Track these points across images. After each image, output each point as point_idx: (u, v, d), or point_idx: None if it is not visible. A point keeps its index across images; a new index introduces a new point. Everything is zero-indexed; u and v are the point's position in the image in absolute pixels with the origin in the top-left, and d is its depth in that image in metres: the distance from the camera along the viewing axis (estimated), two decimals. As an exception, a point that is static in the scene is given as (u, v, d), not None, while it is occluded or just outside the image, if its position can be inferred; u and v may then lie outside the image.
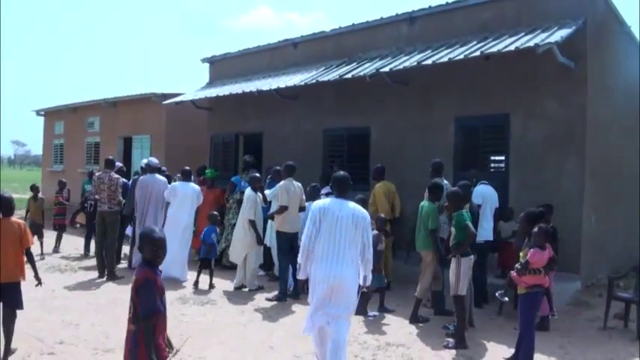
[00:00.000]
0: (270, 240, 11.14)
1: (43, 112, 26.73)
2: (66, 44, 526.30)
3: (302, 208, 10.25)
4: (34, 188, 13.61)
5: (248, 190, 10.72)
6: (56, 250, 14.52)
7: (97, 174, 12.08)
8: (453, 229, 7.68)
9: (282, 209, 10.04)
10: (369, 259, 5.93)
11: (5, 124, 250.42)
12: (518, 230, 6.96)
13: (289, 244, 10.08)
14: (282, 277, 10.02)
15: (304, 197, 10.34)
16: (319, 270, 5.82)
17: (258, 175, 11.06)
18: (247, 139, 16.97)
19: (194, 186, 11.96)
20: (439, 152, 11.36)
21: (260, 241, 10.63)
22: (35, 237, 10.89)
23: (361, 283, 5.97)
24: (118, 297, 9.60)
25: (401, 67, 11.11)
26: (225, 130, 17.19)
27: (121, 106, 21.49)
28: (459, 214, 7.59)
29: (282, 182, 10.25)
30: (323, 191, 10.92)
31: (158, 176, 12.20)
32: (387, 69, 11.32)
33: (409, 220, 10.43)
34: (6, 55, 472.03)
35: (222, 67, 18.09)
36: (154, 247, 4.34)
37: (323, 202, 6.13)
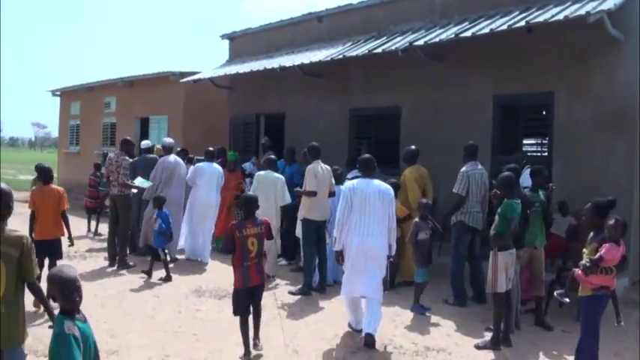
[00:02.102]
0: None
1: (58, 93, 26.13)
2: (83, 22, 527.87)
3: (332, 194, 9.41)
4: (38, 169, 12.74)
5: (276, 175, 10.04)
6: (96, 232, 14.37)
7: (110, 155, 11.37)
8: (496, 218, 6.81)
9: (310, 195, 9.20)
10: (392, 227, 6.90)
11: (25, 106, 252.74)
12: (583, 222, 6.04)
13: (316, 233, 9.28)
14: (307, 268, 9.20)
15: (334, 181, 9.50)
16: (354, 240, 6.77)
17: (273, 156, 10.49)
18: (268, 119, 16.12)
19: (217, 166, 11.66)
20: (476, 134, 10.42)
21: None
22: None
23: (387, 253, 6.91)
24: (127, 289, 8.93)
25: (437, 40, 10.19)
26: (245, 110, 16.35)
27: (137, 85, 20.88)
28: (508, 204, 6.71)
29: (309, 165, 9.39)
30: (349, 175, 10.12)
31: (177, 157, 11.53)
32: (421, 42, 10.41)
33: (442, 208, 9.66)
34: (24, 35, 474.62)
35: (242, 43, 17.22)
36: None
37: (352, 182, 7.12)
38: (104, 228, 14.56)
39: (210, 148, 11.92)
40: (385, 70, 12.32)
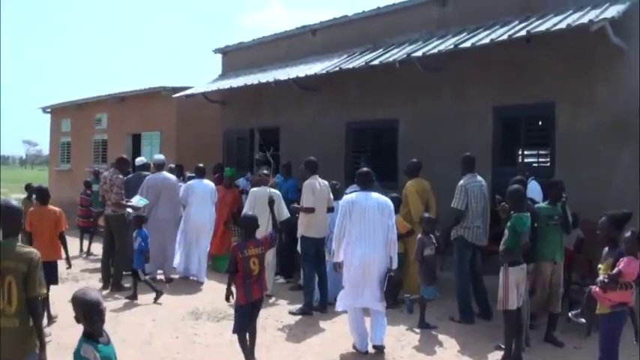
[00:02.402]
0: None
1: (49, 110, 25.80)
2: (74, 39, 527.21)
3: (330, 209, 9.15)
4: (28, 188, 12.47)
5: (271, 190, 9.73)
6: (89, 253, 14.06)
7: (104, 174, 11.09)
8: (506, 232, 6.58)
9: (308, 211, 8.94)
10: (392, 239, 6.90)
11: (16, 124, 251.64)
12: (600, 234, 5.79)
13: (315, 250, 9.02)
14: (307, 287, 8.92)
15: (332, 196, 9.24)
16: (355, 252, 6.80)
17: (266, 171, 10.46)
18: (263, 134, 15.85)
19: (210, 183, 11.43)
20: (475, 146, 10.15)
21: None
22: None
23: (388, 266, 6.89)
24: (122, 312, 8.62)
25: (435, 51, 9.99)
26: (239, 125, 16.11)
27: (129, 101, 20.56)
28: (517, 217, 6.48)
29: (306, 181, 9.14)
30: (348, 190, 9.87)
31: (166, 174, 11.25)
32: (419, 54, 10.19)
33: (442, 222, 9.38)
34: (14, 52, 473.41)
35: (235, 57, 17.01)
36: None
37: (351, 196, 7.17)
38: (97, 248, 14.33)
39: (201, 165, 11.65)
40: (382, 82, 12.11)
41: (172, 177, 11.46)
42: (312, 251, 9.00)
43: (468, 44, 9.53)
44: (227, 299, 6.50)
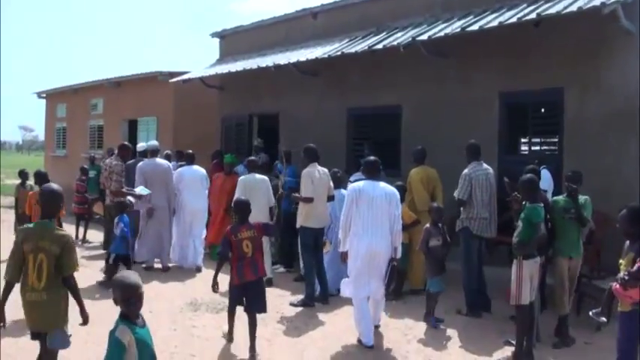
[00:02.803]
0: None
1: (44, 95, 25.45)
2: (70, 22, 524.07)
3: (330, 198, 8.88)
4: (22, 174, 12.15)
5: (261, 177, 9.82)
6: (85, 240, 13.76)
7: (105, 161, 10.79)
8: (519, 224, 6.31)
9: (307, 201, 8.64)
10: (398, 230, 6.91)
11: (13, 110, 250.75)
12: (619, 228, 5.48)
13: (314, 241, 8.73)
14: (308, 278, 8.66)
15: (332, 184, 8.95)
16: (362, 242, 6.73)
17: (253, 158, 10.55)
18: (262, 120, 15.57)
19: (200, 169, 11.32)
20: (481, 133, 9.95)
21: None
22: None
23: (392, 255, 6.90)
24: (114, 306, 8.30)
25: (441, 34, 9.68)
26: (237, 110, 15.77)
27: (125, 86, 20.18)
28: (532, 208, 6.23)
29: (305, 169, 8.82)
30: (352, 178, 9.60)
31: (160, 160, 10.98)
32: (424, 37, 9.89)
33: (446, 212, 9.11)
34: (10, 36, 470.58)
35: (233, 41, 16.65)
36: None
37: (358, 184, 7.04)
38: (93, 235, 14.11)
39: (190, 151, 11.53)
40: (385, 67, 11.81)
41: (166, 163, 11.18)
42: (311, 242, 8.72)
43: (475, 27, 9.23)
44: (213, 289, 6.59)
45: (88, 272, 10.28)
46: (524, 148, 12.11)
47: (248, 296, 6.51)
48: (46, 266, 4.65)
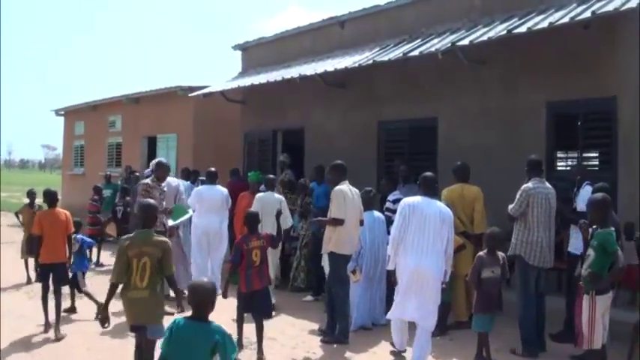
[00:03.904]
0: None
1: (62, 112, 25.07)
2: (87, 40, 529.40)
3: (360, 222, 7.92)
4: (30, 194, 11.43)
5: (277, 196, 9.55)
6: (98, 263, 12.89)
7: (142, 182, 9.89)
8: (591, 253, 5.38)
9: (337, 223, 7.62)
10: (450, 254, 6.56)
11: (35, 128, 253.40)
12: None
13: (343, 268, 7.79)
14: (341, 311, 7.61)
15: (362, 207, 8.00)
16: (410, 262, 6.37)
17: (272, 176, 10.24)
18: (286, 135, 14.76)
19: (221, 189, 10.51)
20: (526, 147, 8.98)
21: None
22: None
23: (442, 278, 6.48)
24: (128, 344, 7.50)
25: (484, 38, 8.81)
26: (260, 126, 15.00)
27: (144, 102, 19.66)
28: (606, 234, 5.31)
29: (337, 187, 7.80)
30: (391, 197, 8.71)
31: (168, 179, 10.10)
32: (465, 42, 9.03)
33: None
34: (30, 54, 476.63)
35: (256, 53, 15.91)
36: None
37: (413, 199, 6.64)
38: (107, 257, 13.36)
39: (212, 169, 10.60)
40: (419, 77, 10.97)
41: (175, 181, 10.29)
42: (344, 270, 7.79)
43: (523, 29, 8.35)
44: (224, 295, 6.80)
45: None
46: (560, 163, 11.26)
47: (255, 303, 6.92)
48: (148, 268, 5.39)
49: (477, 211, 8.19)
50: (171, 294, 6.14)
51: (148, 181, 9.38)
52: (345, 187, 7.73)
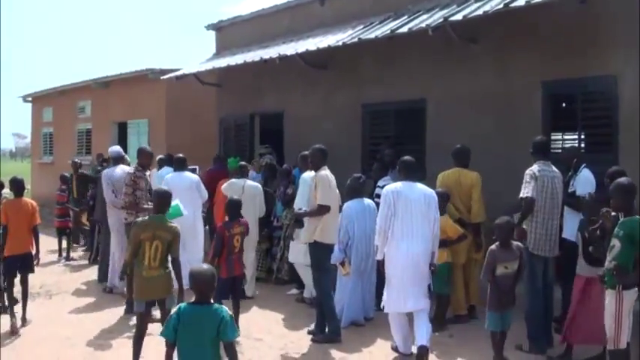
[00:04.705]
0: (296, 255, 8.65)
1: (30, 98, 24.08)
2: (57, 20, 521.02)
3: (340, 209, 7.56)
4: (11, 181, 10.56)
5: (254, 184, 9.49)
6: (68, 257, 12.41)
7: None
8: (616, 244, 4.85)
9: (324, 210, 7.08)
10: (437, 234, 6.45)
11: (5, 116, 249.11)
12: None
13: (328, 259, 7.26)
14: (329, 306, 7.06)
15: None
16: (401, 249, 6.24)
17: (244, 163, 10.04)
18: (264, 119, 14.15)
19: (190, 176, 9.76)
20: (520, 129, 8.66)
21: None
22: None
23: (430, 261, 6.38)
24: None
25: (480, 12, 8.20)
26: (237, 110, 14.36)
27: (114, 86, 18.90)
28: (631, 222, 4.78)
29: (321, 172, 7.17)
30: (380, 183, 8.19)
31: (125, 167, 9.50)
32: (459, 17, 8.45)
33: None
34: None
35: (231, 33, 15.20)
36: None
37: (394, 185, 6.53)
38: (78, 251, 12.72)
39: (180, 155, 9.97)
40: (405, 56, 10.39)
41: (131, 170, 9.60)
42: (328, 261, 7.23)
43: (521, 2, 7.75)
44: None
45: (68, 301, 8.89)
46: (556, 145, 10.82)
47: (234, 287, 7.17)
48: (160, 250, 5.93)
49: (475, 199, 7.68)
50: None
51: (131, 169, 8.69)
52: (328, 172, 7.20)
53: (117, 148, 10.20)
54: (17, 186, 7.91)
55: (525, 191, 6.45)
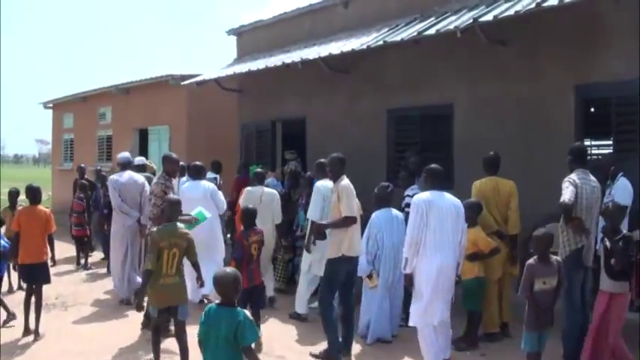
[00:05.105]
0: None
1: (50, 105, 24.07)
2: (79, 28, 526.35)
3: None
4: (12, 194, 10.35)
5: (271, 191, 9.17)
6: (86, 266, 12.23)
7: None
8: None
9: (350, 222, 6.61)
10: (464, 245, 6.33)
11: (29, 122, 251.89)
12: None
13: (346, 275, 6.72)
14: (327, 321, 6.63)
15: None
16: (434, 261, 6.02)
17: (260, 170, 9.59)
18: (286, 125, 13.95)
19: (205, 185, 9.22)
20: (553, 135, 8.36)
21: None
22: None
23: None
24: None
25: (511, 12, 7.86)
26: (258, 116, 14.15)
27: (134, 93, 18.76)
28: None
29: (343, 182, 6.73)
30: (409, 192, 7.86)
31: (133, 174, 9.42)
32: (489, 17, 8.11)
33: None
34: (17, 48, 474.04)
35: (252, 38, 15.01)
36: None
37: (425, 194, 6.28)
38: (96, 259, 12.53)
39: (198, 163, 9.55)
40: (431, 60, 10.11)
41: (140, 177, 9.40)
42: (343, 275, 6.70)
43: (554, 1, 7.40)
44: None
45: (85, 311, 8.65)
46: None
47: (253, 297, 7.00)
48: (177, 257, 6.07)
49: (512, 209, 7.34)
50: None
51: (160, 180, 8.28)
52: (348, 181, 6.80)
53: (126, 154, 10.01)
54: (32, 193, 7.83)
55: (567, 197, 6.03)
